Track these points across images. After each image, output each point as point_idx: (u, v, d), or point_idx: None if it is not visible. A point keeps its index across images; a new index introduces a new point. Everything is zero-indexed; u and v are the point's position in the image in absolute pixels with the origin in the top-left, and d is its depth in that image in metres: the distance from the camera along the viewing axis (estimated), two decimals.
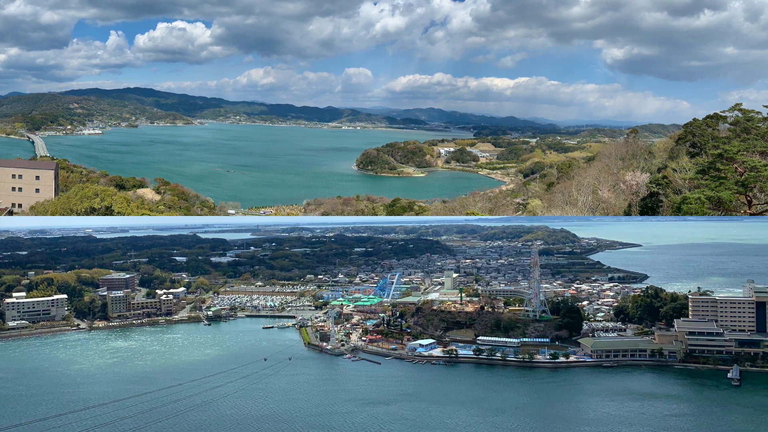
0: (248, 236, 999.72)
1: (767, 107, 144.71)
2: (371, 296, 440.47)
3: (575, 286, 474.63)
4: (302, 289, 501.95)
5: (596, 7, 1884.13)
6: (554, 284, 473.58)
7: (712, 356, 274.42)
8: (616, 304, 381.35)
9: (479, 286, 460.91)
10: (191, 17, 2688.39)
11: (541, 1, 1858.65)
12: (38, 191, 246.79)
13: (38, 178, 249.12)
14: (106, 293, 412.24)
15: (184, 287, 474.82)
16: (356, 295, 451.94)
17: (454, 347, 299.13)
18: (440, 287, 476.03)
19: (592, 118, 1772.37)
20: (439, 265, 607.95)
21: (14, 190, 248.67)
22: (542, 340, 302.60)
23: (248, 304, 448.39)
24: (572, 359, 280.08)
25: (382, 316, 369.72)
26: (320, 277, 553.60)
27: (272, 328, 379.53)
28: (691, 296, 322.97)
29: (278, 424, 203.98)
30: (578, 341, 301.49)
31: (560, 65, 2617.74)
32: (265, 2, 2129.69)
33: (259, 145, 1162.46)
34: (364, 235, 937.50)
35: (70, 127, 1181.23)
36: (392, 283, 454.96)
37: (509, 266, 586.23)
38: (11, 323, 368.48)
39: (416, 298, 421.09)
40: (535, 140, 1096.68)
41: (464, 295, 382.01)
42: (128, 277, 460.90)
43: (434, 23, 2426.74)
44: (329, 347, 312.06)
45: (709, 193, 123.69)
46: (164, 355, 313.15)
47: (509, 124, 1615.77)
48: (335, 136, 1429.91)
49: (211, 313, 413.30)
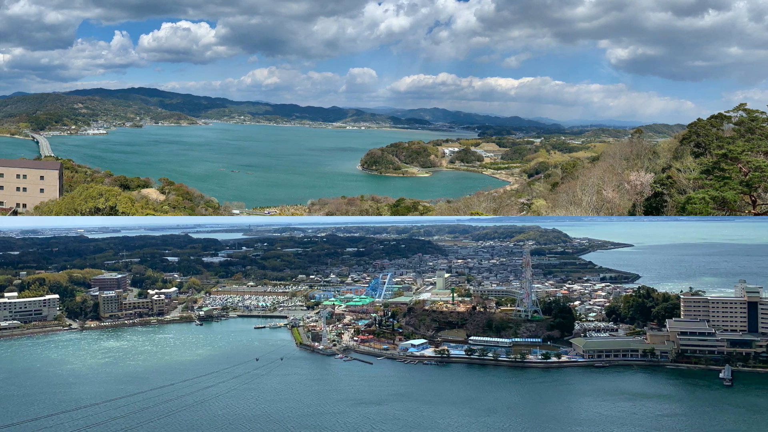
0: (240, 236, 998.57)
1: None
2: (363, 296, 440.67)
3: (567, 286, 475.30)
4: (294, 289, 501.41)
5: (600, 7, 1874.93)
6: (546, 284, 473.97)
7: (703, 356, 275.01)
8: (608, 304, 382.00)
9: (471, 286, 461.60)
10: (196, 17, 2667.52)
11: (545, 1, 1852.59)
12: (43, 191, 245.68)
13: (43, 178, 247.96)
14: (97, 293, 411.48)
15: (175, 287, 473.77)
16: (348, 295, 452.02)
17: (446, 347, 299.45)
18: (432, 287, 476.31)
19: (596, 118, 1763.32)
20: (431, 265, 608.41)
21: (19, 190, 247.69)
22: (534, 340, 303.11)
23: (240, 304, 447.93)
24: (564, 359, 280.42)
25: (374, 316, 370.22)
26: (312, 277, 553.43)
27: (264, 328, 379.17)
28: (682, 296, 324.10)
29: (270, 424, 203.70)
30: (570, 341, 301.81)
31: (564, 65, 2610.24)
32: (269, 2, 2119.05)
33: (263, 145, 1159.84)
34: (356, 235, 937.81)
35: (74, 127, 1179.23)
36: (384, 283, 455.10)
37: (501, 266, 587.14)
38: (3, 323, 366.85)
39: (408, 298, 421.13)
40: (539, 140, 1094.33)
41: (456, 295, 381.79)
42: (120, 277, 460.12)
43: (439, 23, 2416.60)
44: (321, 347, 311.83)
45: (713, 193, 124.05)
46: (156, 355, 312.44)
47: (514, 124, 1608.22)
48: (340, 136, 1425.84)
49: (202, 313, 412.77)
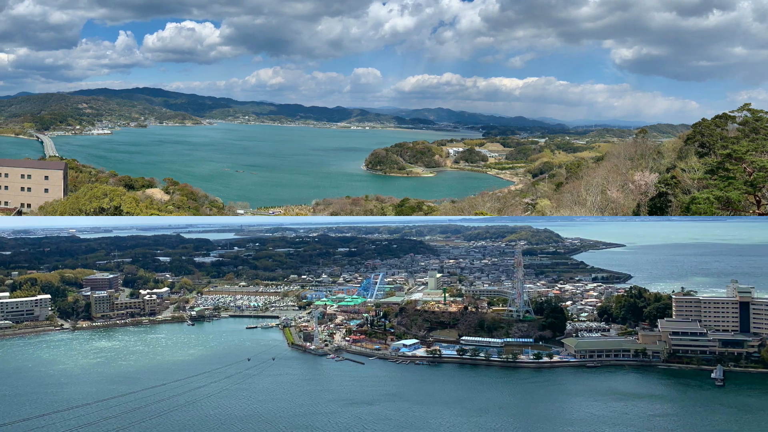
0: (232, 236, 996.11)
1: None
2: (355, 296, 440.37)
3: (559, 286, 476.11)
4: (286, 289, 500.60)
5: (605, 7, 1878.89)
6: (538, 284, 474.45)
7: (695, 356, 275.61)
8: (599, 304, 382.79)
9: (463, 286, 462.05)
10: (200, 17, 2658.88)
11: (550, 1, 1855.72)
12: (47, 191, 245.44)
13: (47, 178, 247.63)
14: (89, 293, 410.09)
15: (167, 287, 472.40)
16: (340, 295, 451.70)
17: (437, 347, 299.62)
18: (424, 287, 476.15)
19: (601, 118, 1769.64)
20: (422, 265, 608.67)
21: (23, 190, 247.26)
22: (526, 340, 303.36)
23: (232, 304, 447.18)
24: (556, 359, 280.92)
25: (365, 316, 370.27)
26: (304, 277, 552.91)
27: (256, 328, 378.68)
28: (674, 296, 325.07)
29: (262, 424, 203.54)
30: (562, 341, 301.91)
31: (569, 65, 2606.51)
32: (274, 2, 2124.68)
33: (268, 145, 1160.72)
34: (347, 235, 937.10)
35: (79, 127, 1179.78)
36: (376, 283, 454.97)
37: (493, 266, 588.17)
38: None
39: (400, 298, 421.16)
40: (543, 140, 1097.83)
41: (448, 295, 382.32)
42: (112, 277, 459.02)
43: (443, 23, 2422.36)
44: (313, 347, 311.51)
45: (718, 193, 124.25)
46: (148, 355, 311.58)
47: (518, 124, 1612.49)
48: (344, 136, 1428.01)
49: (194, 313, 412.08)
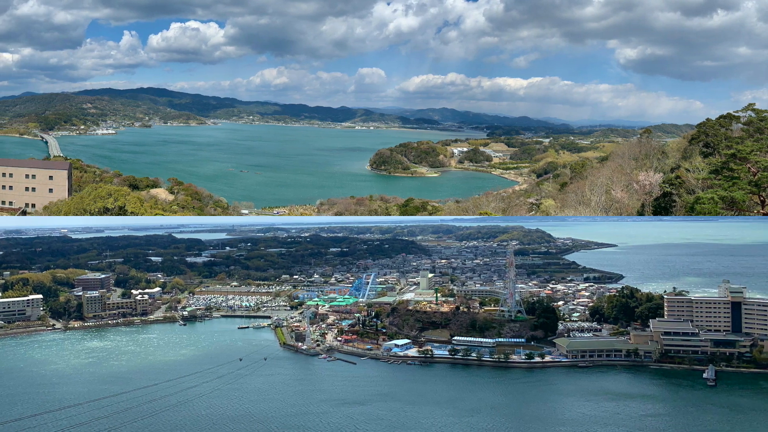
0: (223, 236, 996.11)
1: None
2: (347, 296, 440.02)
3: (551, 286, 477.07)
4: (278, 289, 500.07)
5: (609, 7, 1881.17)
6: (530, 284, 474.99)
7: (687, 356, 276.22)
8: (591, 304, 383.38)
9: (455, 286, 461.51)
10: (204, 17, 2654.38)
11: (554, 1, 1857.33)
12: (52, 191, 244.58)
13: (52, 178, 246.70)
14: (81, 293, 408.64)
15: (159, 287, 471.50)
16: (332, 295, 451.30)
17: (429, 347, 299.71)
18: (416, 287, 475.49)
19: (605, 118, 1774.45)
20: (414, 265, 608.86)
21: (28, 190, 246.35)
22: (518, 340, 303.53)
23: (224, 304, 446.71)
24: (548, 359, 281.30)
25: (357, 316, 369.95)
26: (296, 277, 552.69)
27: (248, 328, 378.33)
28: (666, 296, 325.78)
29: (253, 424, 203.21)
30: (554, 341, 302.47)
31: (573, 65, 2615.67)
32: (278, 2, 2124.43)
33: (272, 145, 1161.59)
34: (339, 235, 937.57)
35: (83, 127, 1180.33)
36: (368, 283, 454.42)
37: (485, 266, 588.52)
38: None
39: (392, 298, 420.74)
40: (548, 140, 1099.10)
41: (440, 295, 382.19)
42: (103, 277, 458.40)
43: (447, 23, 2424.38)
44: (305, 347, 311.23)
45: (722, 193, 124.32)
46: (139, 355, 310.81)
47: (522, 124, 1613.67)
48: (348, 136, 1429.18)
49: (186, 313, 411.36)
